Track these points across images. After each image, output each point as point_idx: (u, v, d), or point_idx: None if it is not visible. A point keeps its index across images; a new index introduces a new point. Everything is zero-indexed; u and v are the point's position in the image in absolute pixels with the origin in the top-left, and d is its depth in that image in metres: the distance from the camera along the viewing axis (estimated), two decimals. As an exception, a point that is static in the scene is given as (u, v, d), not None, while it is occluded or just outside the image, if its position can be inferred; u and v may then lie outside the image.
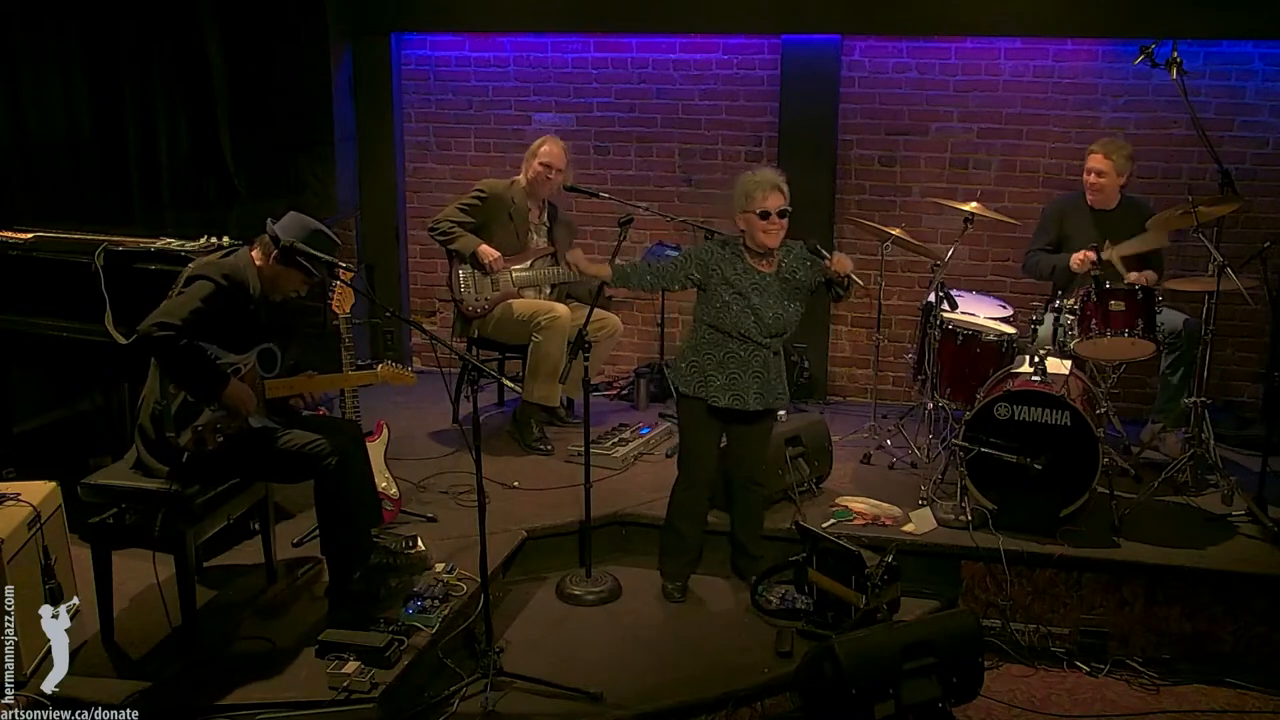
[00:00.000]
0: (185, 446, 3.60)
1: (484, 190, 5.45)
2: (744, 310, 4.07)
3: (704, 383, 4.13)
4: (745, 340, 4.10)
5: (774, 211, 4.01)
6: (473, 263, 5.37)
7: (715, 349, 4.13)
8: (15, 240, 4.64)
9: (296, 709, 3.41)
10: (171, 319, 3.47)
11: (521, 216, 5.47)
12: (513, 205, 5.44)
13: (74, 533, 3.88)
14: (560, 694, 3.67)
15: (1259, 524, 4.55)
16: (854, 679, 3.47)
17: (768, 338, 4.11)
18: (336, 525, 3.83)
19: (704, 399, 4.13)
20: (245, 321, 3.71)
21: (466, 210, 5.41)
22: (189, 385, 3.58)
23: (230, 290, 3.62)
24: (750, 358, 4.11)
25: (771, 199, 4.01)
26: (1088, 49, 5.84)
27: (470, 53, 6.51)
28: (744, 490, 4.39)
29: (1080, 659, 4.28)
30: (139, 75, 5.96)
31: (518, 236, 5.46)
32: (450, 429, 5.63)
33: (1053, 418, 4.44)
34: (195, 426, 3.61)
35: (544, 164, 5.40)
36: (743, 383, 4.11)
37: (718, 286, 4.09)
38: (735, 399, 4.11)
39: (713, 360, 4.12)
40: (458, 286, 5.41)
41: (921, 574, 4.38)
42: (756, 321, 4.07)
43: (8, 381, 4.87)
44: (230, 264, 3.69)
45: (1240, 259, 4.94)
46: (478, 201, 5.43)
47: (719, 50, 6.24)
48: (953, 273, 5.75)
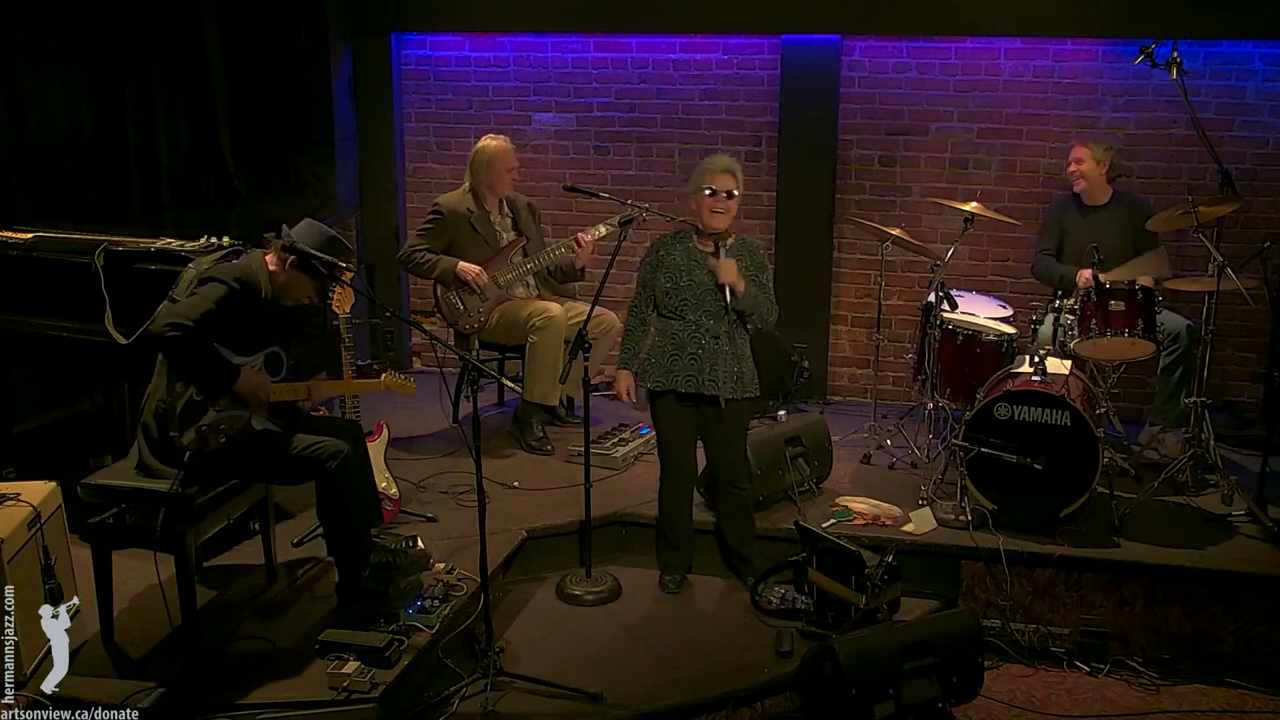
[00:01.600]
0: (187, 446, 3.60)
1: (440, 208, 5.39)
2: (686, 288, 4.16)
3: (654, 370, 4.22)
4: (680, 319, 4.18)
5: (721, 190, 4.10)
6: (456, 284, 5.34)
7: (667, 340, 4.22)
8: (15, 240, 4.64)
9: (296, 709, 3.41)
10: (184, 320, 3.49)
11: (483, 221, 5.41)
12: (472, 214, 5.38)
13: (74, 533, 3.88)
14: (560, 694, 3.67)
15: (1259, 524, 4.55)
16: (854, 679, 3.47)
17: (704, 318, 4.16)
18: (339, 526, 3.84)
19: (665, 389, 4.21)
20: (255, 325, 3.72)
21: (428, 234, 5.35)
22: (200, 382, 3.60)
23: (242, 294, 3.64)
24: (689, 339, 4.17)
25: (720, 179, 4.10)
26: (1088, 49, 5.84)
27: (470, 53, 6.51)
28: (726, 494, 4.39)
29: (1080, 659, 4.28)
30: (139, 75, 5.96)
31: (487, 242, 5.40)
32: (450, 429, 5.63)
33: (1053, 418, 4.44)
34: (199, 426, 3.62)
35: (508, 169, 5.38)
36: (681, 365, 4.18)
37: (663, 275, 4.21)
38: (674, 381, 4.18)
39: (666, 351, 4.21)
40: (449, 310, 5.37)
41: (921, 574, 4.38)
42: (679, 294, 4.16)
43: (8, 381, 4.87)
44: (243, 267, 3.71)
45: (1240, 259, 4.95)
46: (437, 221, 5.36)
47: (719, 50, 6.24)
48: (953, 273, 5.75)
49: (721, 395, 4.17)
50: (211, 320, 3.52)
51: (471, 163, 5.44)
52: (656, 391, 4.24)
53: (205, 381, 3.61)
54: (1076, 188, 5.33)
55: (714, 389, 4.16)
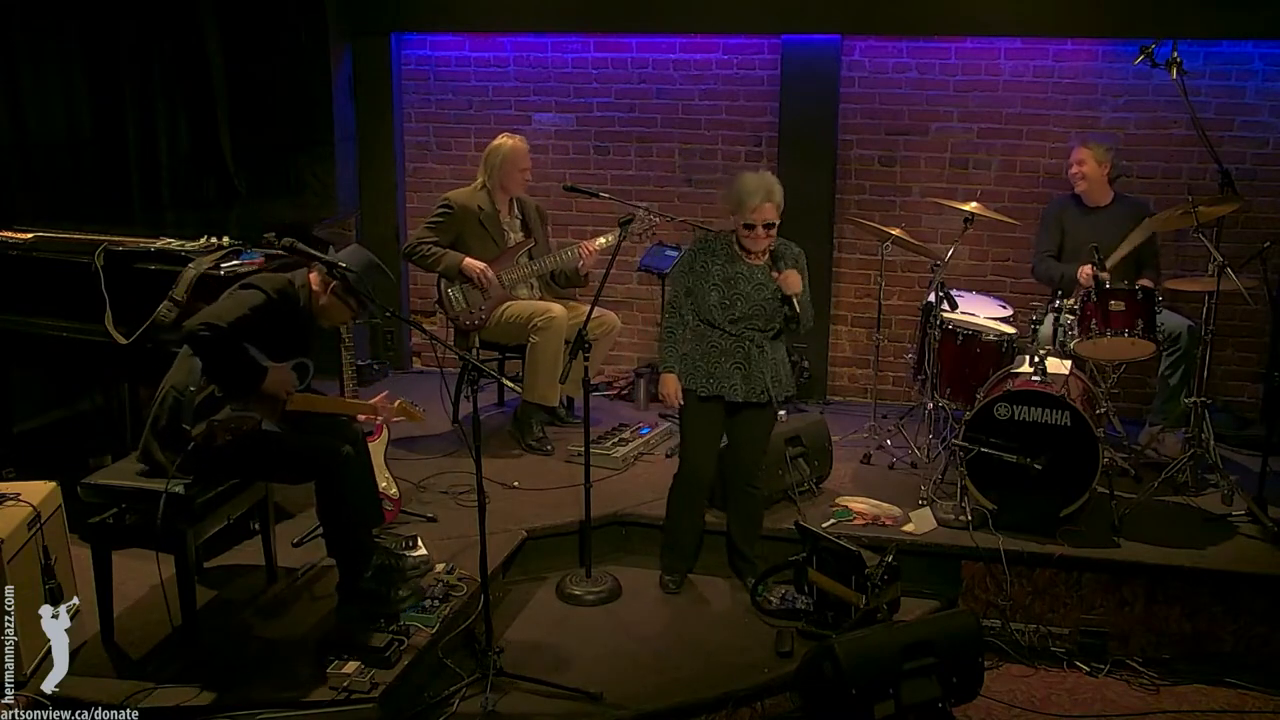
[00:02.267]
0: (194, 437, 3.61)
1: (450, 203, 5.38)
2: (722, 301, 4.17)
3: (693, 374, 4.22)
4: (724, 331, 4.18)
5: (759, 224, 4.10)
6: (460, 279, 5.34)
7: (701, 341, 4.23)
8: (15, 240, 4.65)
9: (296, 709, 3.41)
10: (219, 321, 3.51)
11: (492, 219, 5.41)
12: (481, 211, 5.38)
13: (74, 533, 3.88)
14: (560, 694, 3.67)
15: (1259, 524, 4.55)
16: (854, 679, 3.47)
17: (749, 329, 4.17)
18: (340, 526, 3.84)
19: (693, 390, 4.22)
20: (287, 336, 3.75)
21: (436, 228, 5.34)
22: (227, 382, 3.62)
23: (279, 305, 3.67)
24: (732, 349, 4.18)
25: (761, 212, 4.09)
26: (1088, 49, 5.84)
27: (470, 53, 6.51)
28: (740, 493, 4.40)
29: (1080, 659, 4.28)
30: (139, 75, 5.96)
31: (495, 241, 5.41)
32: (450, 429, 5.63)
33: (1053, 418, 4.44)
34: (211, 420, 3.63)
35: (521, 169, 5.39)
36: (724, 372, 4.18)
37: (702, 282, 4.21)
38: (719, 388, 4.18)
39: (699, 351, 4.22)
40: (450, 305, 5.36)
41: (921, 574, 4.38)
42: (731, 310, 4.16)
43: (8, 381, 4.87)
44: (285, 281, 3.74)
45: (1240, 259, 4.94)
46: (446, 216, 5.36)
47: (719, 50, 6.23)
48: (953, 273, 5.75)
49: (765, 398, 4.21)
50: (245, 325, 3.56)
51: (486, 159, 5.44)
52: (701, 396, 4.22)
53: (232, 382, 3.63)
54: (1078, 189, 5.33)
55: (757, 395, 4.19)
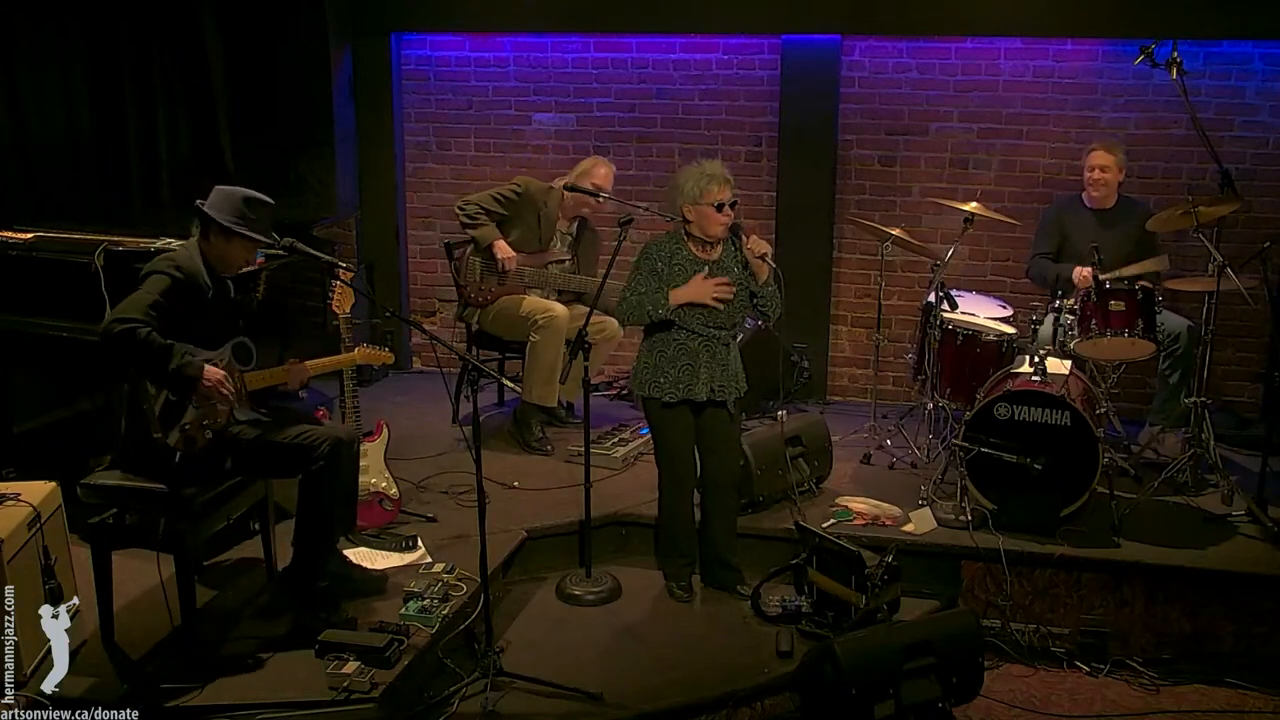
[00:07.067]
0: (175, 447, 3.58)
1: (520, 187, 5.43)
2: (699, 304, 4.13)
3: (656, 382, 4.16)
4: (691, 331, 4.13)
5: (727, 203, 4.09)
6: (486, 255, 5.36)
7: (665, 345, 4.17)
8: (15, 240, 4.65)
9: (296, 709, 3.41)
10: (130, 313, 3.45)
11: (549, 222, 5.45)
12: (544, 208, 5.42)
13: (74, 533, 3.88)
14: (560, 694, 3.67)
15: (1259, 524, 4.55)
16: (854, 679, 3.47)
17: (712, 328, 4.14)
18: (313, 518, 3.81)
19: (658, 397, 4.16)
20: (207, 311, 3.68)
21: (499, 200, 5.39)
22: (158, 375, 3.53)
23: (185, 281, 3.61)
24: (699, 349, 4.14)
25: (724, 191, 4.09)
26: (1088, 49, 5.84)
27: (470, 53, 6.51)
28: (716, 500, 4.34)
29: (1080, 659, 4.28)
30: (139, 75, 5.97)
31: (540, 239, 5.43)
32: (450, 429, 5.62)
33: (1053, 418, 4.44)
34: (182, 425, 3.59)
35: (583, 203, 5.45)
36: (692, 373, 4.14)
37: (666, 285, 4.14)
38: (686, 390, 4.14)
39: (664, 356, 4.16)
40: (465, 270, 5.39)
41: (921, 574, 4.37)
42: (709, 313, 4.12)
43: (8, 381, 4.87)
44: (180, 255, 3.69)
45: (1240, 259, 4.94)
46: (514, 196, 5.40)
47: (719, 50, 6.24)
48: (953, 273, 5.75)
49: (729, 398, 4.18)
50: (160, 312, 3.49)
51: (575, 167, 5.51)
52: (667, 402, 4.17)
53: (163, 373, 3.51)
54: (1094, 193, 5.28)
55: (724, 394, 4.17)
